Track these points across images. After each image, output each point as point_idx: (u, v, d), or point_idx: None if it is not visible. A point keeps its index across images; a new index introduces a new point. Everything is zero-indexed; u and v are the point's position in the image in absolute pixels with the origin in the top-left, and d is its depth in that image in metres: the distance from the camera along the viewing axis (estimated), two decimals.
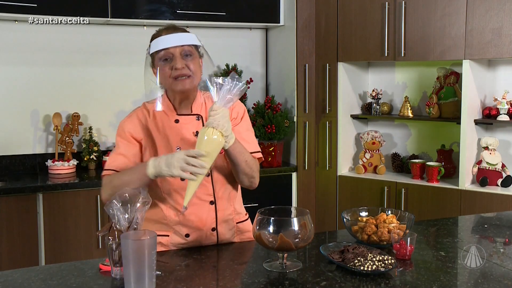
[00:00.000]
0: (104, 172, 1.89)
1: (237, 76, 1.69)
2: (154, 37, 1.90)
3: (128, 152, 1.89)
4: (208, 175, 1.89)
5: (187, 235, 1.90)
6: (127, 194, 1.58)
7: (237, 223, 2.00)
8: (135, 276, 1.41)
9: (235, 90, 1.68)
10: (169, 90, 1.91)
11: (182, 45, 1.84)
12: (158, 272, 1.55)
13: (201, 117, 1.93)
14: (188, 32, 1.91)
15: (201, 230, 1.90)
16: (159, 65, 1.85)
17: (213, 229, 1.92)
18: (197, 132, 1.88)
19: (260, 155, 1.98)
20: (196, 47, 1.89)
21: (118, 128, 1.94)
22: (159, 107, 1.87)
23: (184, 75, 1.83)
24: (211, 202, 1.91)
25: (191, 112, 1.93)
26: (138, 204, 1.56)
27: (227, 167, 1.93)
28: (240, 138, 1.85)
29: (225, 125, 1.70)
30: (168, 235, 1.91)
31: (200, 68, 1.89)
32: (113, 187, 1.78)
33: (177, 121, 1.91)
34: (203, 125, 1.90)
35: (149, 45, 1.90)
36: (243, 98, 3.95)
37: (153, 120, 1.91)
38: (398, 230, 1.77)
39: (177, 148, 1.87)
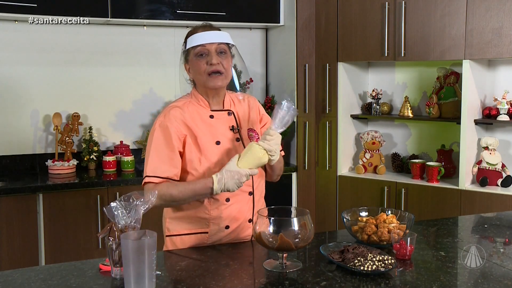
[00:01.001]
0: (149, 179, 1.86)
1: (290, 100, 1.83)
2: (190, 33, 1.95)
3: (172, 157, 1.88)
4: None
5: (227, 227, 1.94)
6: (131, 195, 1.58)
7: None
8: (135, 276, 1.41)
9: (290, 114, 1.84)
10: (202, 86, 1.95)
11: (219, 43, 1.90)
12: (158, 272, 1.55)
13: (232, 112, 1.99)
14: (223, 31, 1.96)
15: (239, 221, 1.95)
16: (194, 60, 1.91)
17: (249, 221, 1.98)
18: (232, 127, 1.96)
19: (283, 152, 2.08)
20: (229, 47, 1.96)
21: (156, 129, 1.90)
22: (192, 104, 1.94)
23: (218, 71, 1.89)
24: (250, 193, 1.97)
25: (223, 107, 1.99)
26: (138, 204, 1.56)
27: None
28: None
29: (276, 149, 1.86)
30: (207, 232, 1.94)
31: (231, 67, 1.96)
32: (167, 197, 1.83)
33: (211, 116, 1.95)
34: (235, 120, 1.98)
35: (185, 41, 1.95)
36: None
37: (189, 116, 1.92)
38: (398, 230, 1.77)
39: (217, 143, 1.91)
